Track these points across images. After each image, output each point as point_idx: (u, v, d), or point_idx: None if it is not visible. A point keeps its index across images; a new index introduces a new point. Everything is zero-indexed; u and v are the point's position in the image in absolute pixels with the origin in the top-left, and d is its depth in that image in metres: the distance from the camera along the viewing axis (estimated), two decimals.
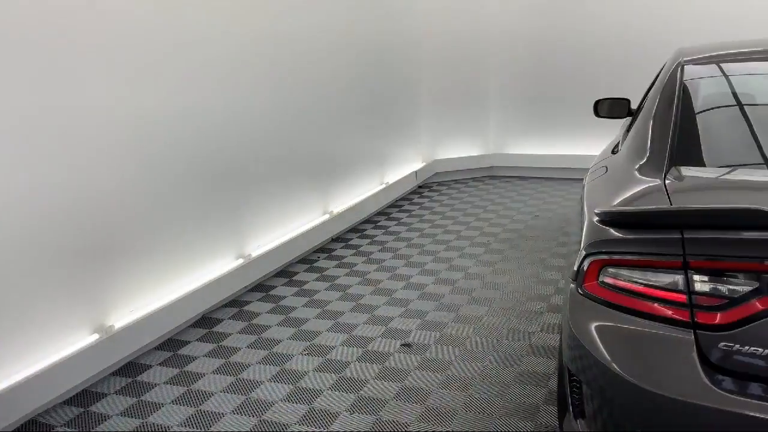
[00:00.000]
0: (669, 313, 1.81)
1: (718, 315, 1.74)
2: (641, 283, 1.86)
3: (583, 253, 2.00)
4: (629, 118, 3.75)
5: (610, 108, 4.06)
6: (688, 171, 2.29)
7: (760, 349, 1.70)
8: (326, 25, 5.48)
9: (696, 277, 1.77)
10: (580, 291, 2.00)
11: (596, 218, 2.01)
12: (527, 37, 7.77)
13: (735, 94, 2.82)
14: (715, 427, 1.71)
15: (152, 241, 3.75)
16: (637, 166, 2.40)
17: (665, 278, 1.82)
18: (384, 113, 6.76)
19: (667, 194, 2.04)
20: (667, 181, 2.16)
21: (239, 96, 4.43)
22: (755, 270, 1.71)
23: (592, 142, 6.19)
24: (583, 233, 2.10)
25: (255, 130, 4.61)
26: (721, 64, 2.94)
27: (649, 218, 1.87)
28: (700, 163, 2.40)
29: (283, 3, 4.87)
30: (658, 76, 3.07)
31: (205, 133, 4.12)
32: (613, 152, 3.01)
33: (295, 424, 2.98)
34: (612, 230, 1.94)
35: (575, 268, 2.03)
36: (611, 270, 1.92)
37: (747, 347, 1.71)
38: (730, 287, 1.73)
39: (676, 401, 1.74)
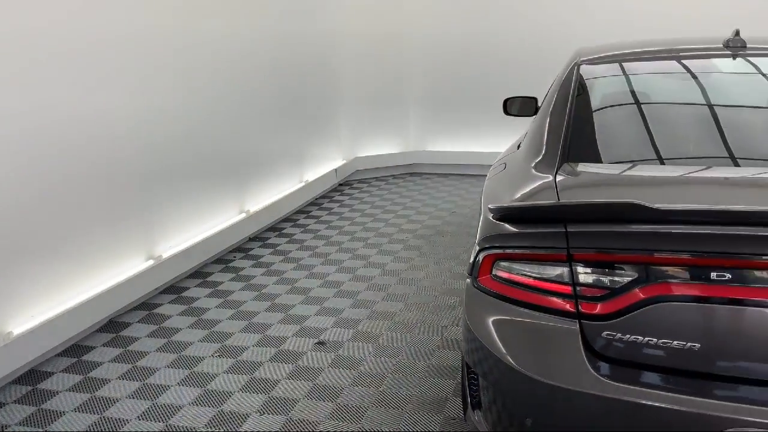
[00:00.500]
0: (556, 304, 1.87)
1: (601, 305, 1.81)
2: (530, 276, 1.92)
3: (477, 247, 2.04)
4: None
5: (519, 106, 4.17)
6: (580, 167, 2.38)
7: (641, 337, 1.78)
8: (243, 25, 5.40)
9: (580, 269, 1.83)
10: (475, 285, 2.05)
11: (489, 214, 2.05)
12: (445, 39, 7.89)
13: (629, 93, 2.94)
14: (599, 414, 1.78)
15: (56, 244, 3.60)
16: (532, 163, 2.47)
17: (552, 271, 1.88)
18: (303, 112, 6.72)
19: (557, 190, 2.11)
20: (558, 177, 2.23)
21: (152, 96, 4.30)
22: (635, 261, 1.78)
23: (511, 140, 6.33)
24: (479, 228, 2.15)
25: (167, 130, 4.49)
26: (616, 64, 3.06)
27: (535, 213, 1.93)
28: (593, 159, 2.49)
29: (200, 3, 4.77)
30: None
31: (116, 133, 3.98)
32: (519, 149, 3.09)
33: (203, 427, 2.92)
34: (504, 225, 1.99)
35: (471, 263, 2.08)
36: (503, 264, 1.97)
37: (628, 336, 1.79)
38: (612, 278, 1.80)
39: (562, 390, 1.80)
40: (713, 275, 1.70)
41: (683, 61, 3.00)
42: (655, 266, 1.75)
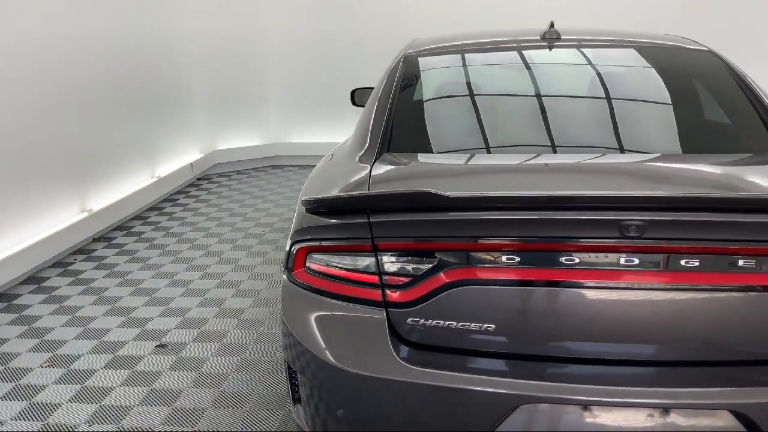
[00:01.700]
0: (364, 294, 1.88)
1: (405, 292, 1.84)
2: (340, 267, 1.92)
3: (290, 240, 2.02)
4: None
5: (365, 97, 4.18)
6: (400, 158, 2.41)
7: (443, 322, 1.83)
8: (85, 22, 5.06)
9: (384, 259, 1.86)
10: (290, 279, 2.02)
11: (302, 205, 2.03)
12: (302, 32, 7.84)
13: (453, 83, 3.02)
14: (405, 399, 1.81)
15: None
16: (354, 154, 2.48)
17: (359, 261, 1.89)
18: (152, 106, 6.41)
19: (369, 181, 2.12)
20: (375, 168, 2.25)
21: None
22: (434, 248, 1.82)
23: None
24: (293, 220, 2.13)
25: None
26: (442, 55, 3.13)
27: (340, 204, 1.93)
28: (414, 149, 2.52)
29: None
30: None
31: None
32: None
33: None
34: (315, 217, 1.97)
35: (285, 256, 2.05)
36: (315, 256, 1.96)
37: (431, 321, 1.83)
38: (414, 266, 1.84)
39: (370, 378, 1.82)
40: (505, 259, 1.78)
41: (504, 53, 3.12)
42: (453, 252, 1.81)
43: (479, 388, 1.74)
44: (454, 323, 1.81)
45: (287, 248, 2.03)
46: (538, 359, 1.83)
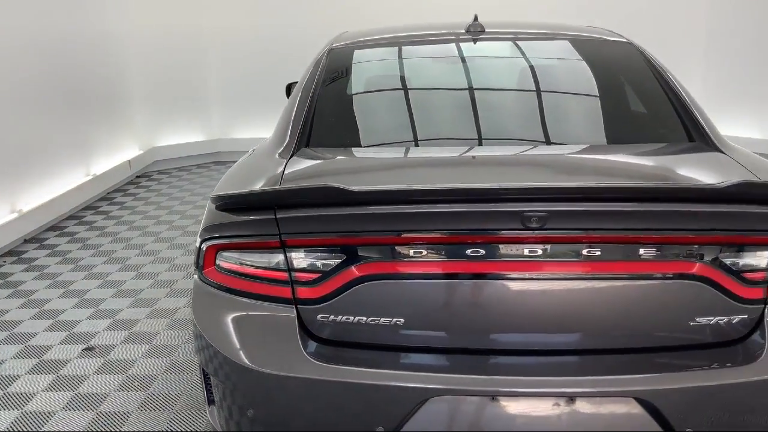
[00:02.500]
0: (274, 292, 1.86)
1: (314, 289, 1.82)
2: (250, 265, 1.89)
3: (200, 238, 1.97)
4: None
5: None
6: (317, 153, 2.39)
7: (352, 317, 1.82)
8: (12, 17, 4.89)
9: (293, 255, 1.83)
10: (201, 278, 1.98)
11: (211, 202, 1.99)
12: (245, 27, 7.76)
13: (377, 77, 3.01)
14: (318, 397, 1.80)
15: None
16: (272, 148, 2.45)
17: (269, 258, 1.86)
18: (89, 102, 6.25)
19: (282, 177, 2.09)
20: (290, 164, 2.23)
21: None
22: (341, 244, 1.81)
23: None
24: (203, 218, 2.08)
25: None
26: (367, 49, 3.11)
27: (248, 200, 1.90)
28: (335, 144, 2.51)
29: None
30: None
31: None
32: None
33: None
34: (225, 214, 1.93)
35: (196, 254, 2.01)
36: (225, 254, 1.92)
37: (341, 317, 1.82)
38: (322, 262, 1.82)
39: (281, 377, 1.79)
40: (412, 252, 1.77)
41: (428, 46, 3.12)
42: (360, 247, 1.79)
43: (389, 383, 1.73)
44: (364, 318, 1.81)
45: (197, 246, 1.99)
46: (447, 352, 1.84)
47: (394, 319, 1.79)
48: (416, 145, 2.53)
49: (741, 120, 7.36)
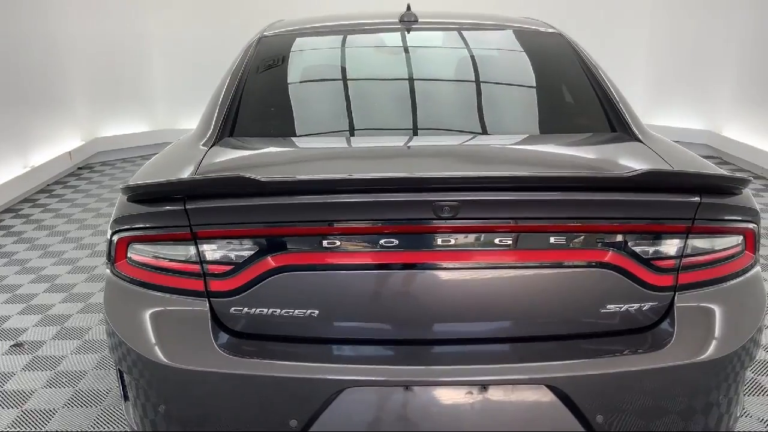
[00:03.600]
0: (186, 284, 1.82)
1: (227, 281, 1.79)
2: (161, 258, 1.84)
3: (110, 230, 1.92)
4: None
5: None
6: (240, 142, 2.34)
7: (266, 309, 1.79)
8: None
9: (205, 247, 1.79)
10: (113, 271, 1.93)
11: (122, 193, 1.93)
12: (189, 16, 7.61)
13: (308, 66, 2.98)
14: (230, 391, 1.77)
15: None
16: (196, 138, 2.40)
17: (180, 251, 1.82)
18: (25, 91, 6.05)
19: (199, 166, 2.05)
20: (210, 153, 2.18)
21: None
22: (253, 235, 1.78)
23: None
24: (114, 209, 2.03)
25: None
26: (299, 38, 3.06)
27: (156, 191, 1.85)
28: (259, 133, 2.47)
29: None
30: None
31: None
32: None
33: None
34: (136, 205, 1.88)
35: (107, 247, 1.95)
36: (136, 246, 1.87)
37: (254, 309, 1.80)
38: (235, 253, 1.79)
39: (194, 372, 1.76)
40: (325, 243, 1.75)
41: (360, 35, 3.10)
42: (272, 238, 1.77)
43: (301, 375, 1.72)
44: (278, 310, 1.78)
45: (108, 238, 1.93)
46: (361, 343, 1.83)
47: (308, 311, 1.77)
48: (342, 135, 2.51)
49: (684, 111, 7.54)
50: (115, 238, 1.89)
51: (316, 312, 1.78)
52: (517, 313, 1.82)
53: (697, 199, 1.79)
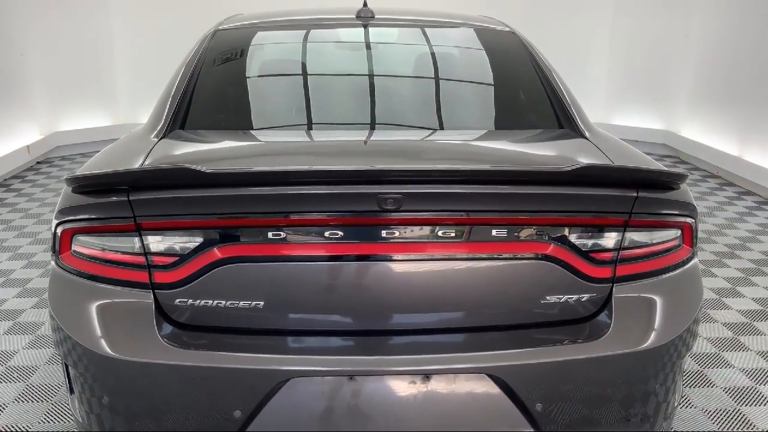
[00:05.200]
0: (131, 276, 1.81)
1: (172, 273, 1.79)
2: (106, 249, 1.84)
3: (55, 221, 1.90)
4: None
5: None
6: (190, 135, 2.34)
7: (211, 301, 1.80)
8: None
9: (149, 238, 1.79)
10: (58, 263, 1.91)
11: (66, 184, 1.92)
12: (153, 8, 7.53)
13: (262, 60, 2.98)
14: (174, 383, 1.78)
15: None
16: (147, 130, 2.39)
17: (124, 242, 1.82)
18: None
19: (145, 158, 2.04)
20: (158, 146, 2.17)
21: None
22: (197, 226, 1.78)
23: None
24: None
25: None
26: (255, 31, 3.06)
27: (100, 182, 1.84)
28: (211, 126, 2.46)
29: None
30: None
31: None
32: None
33: None
34: (80, 196, 1.87)
35: (51, 239, 1.94)
36: (81, 238, 1.86)
37: (200, 301, 1.80)
38: (179, 245, 1.79)
39: (139, 364, 1.76)
40: (270, 235, 1.76)
41: (316, 30, 3.10)
42: (216, 230, 1.77)
43: (244, 366, 1.73)
44: (223, 302, 1.79)
45: (52, 229, 1.92)
46: (305, 334, 1.85)
47: (254, 302, 1.79)
48: (293, 129, 2.52)
49: (644, 111, 7.69)
50: (60, 229, 1.87)
51: (262, 303, 1.79)
52: (460, 304, 1.85)
53: (634, 193, 1.84)
